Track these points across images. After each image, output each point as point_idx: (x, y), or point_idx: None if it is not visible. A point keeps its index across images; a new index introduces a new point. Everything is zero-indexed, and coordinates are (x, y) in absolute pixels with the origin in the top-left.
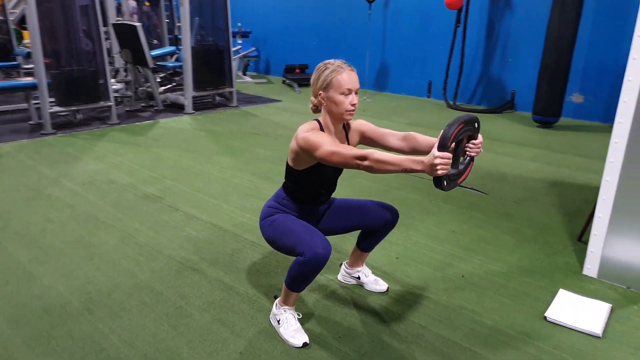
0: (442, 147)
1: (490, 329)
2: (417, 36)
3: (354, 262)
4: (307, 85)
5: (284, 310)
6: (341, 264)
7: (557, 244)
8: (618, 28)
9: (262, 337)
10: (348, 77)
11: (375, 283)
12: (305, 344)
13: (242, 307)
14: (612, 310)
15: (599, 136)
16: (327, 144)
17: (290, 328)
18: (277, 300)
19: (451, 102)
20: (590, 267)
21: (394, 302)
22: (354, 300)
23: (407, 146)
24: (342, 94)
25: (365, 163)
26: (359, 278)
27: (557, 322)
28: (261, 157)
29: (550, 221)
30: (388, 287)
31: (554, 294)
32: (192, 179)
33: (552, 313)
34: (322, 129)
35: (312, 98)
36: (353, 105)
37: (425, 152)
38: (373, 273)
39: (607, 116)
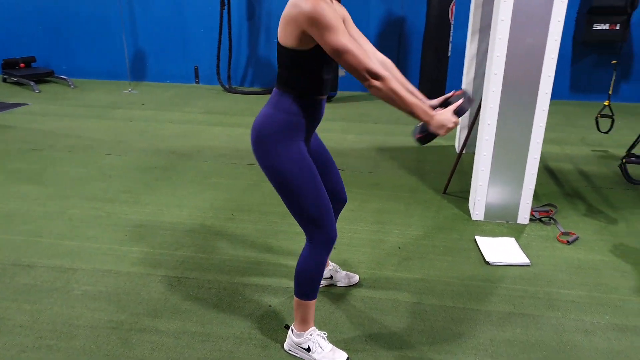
0: (458, 114)
1: (461, 286)
2: (173, 20)
3: None
4: (43, 81)
5: (310, 335)
6: None
7: (433, 200)
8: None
9: None
10: None
11: (347, 277)
12: (348, 359)
13: (242, 350)
14: (516, 241)
15: (370, 104)
16: (342, 33)
17: (326, 350)
18: (292, 328)
19: (227, 86)
20: (478, 213)
21: (375, 290)
22: (341, 300)
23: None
24: None
25: (377, 84)
26: (331, 277)
27: (497, 264)
28: (75, 177)
29: (408, 182)
30: (359, 278)
31: (471, 242)
32: (6, 223)
33: (490, 257)
34: None
35: None
36: None
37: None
38: None
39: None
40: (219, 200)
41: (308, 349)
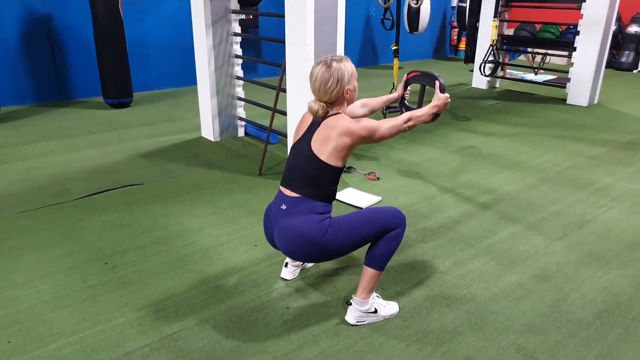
0: (444, 90)
1: None
2: None
3: None
4: None
5: (373, 299)
6: (286, 263)
7: (261, 182)
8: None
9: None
10: None
11: None
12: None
13: (326, 344)
14: (355, 189)
15: (51, 117)
16: (381, 123)
17: (384, 303)
18: (357, 300)
19: None
20: None
21: (336, 261)
22: (324, 280)
23: (367, 111)
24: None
25: (411, 123)
26: (303, 263)
27: (368, 207)
28: None
29: (217, 175)
30: None
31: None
32: None
33: (361, 204)
34: None
35: (323, 100)
36: None
37: (379, 108)
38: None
39: (43, 96)
40: (63, 260)
41: (375, 311)
